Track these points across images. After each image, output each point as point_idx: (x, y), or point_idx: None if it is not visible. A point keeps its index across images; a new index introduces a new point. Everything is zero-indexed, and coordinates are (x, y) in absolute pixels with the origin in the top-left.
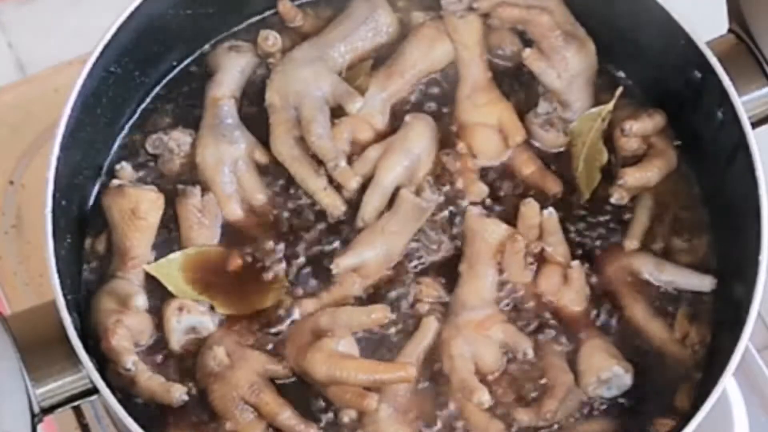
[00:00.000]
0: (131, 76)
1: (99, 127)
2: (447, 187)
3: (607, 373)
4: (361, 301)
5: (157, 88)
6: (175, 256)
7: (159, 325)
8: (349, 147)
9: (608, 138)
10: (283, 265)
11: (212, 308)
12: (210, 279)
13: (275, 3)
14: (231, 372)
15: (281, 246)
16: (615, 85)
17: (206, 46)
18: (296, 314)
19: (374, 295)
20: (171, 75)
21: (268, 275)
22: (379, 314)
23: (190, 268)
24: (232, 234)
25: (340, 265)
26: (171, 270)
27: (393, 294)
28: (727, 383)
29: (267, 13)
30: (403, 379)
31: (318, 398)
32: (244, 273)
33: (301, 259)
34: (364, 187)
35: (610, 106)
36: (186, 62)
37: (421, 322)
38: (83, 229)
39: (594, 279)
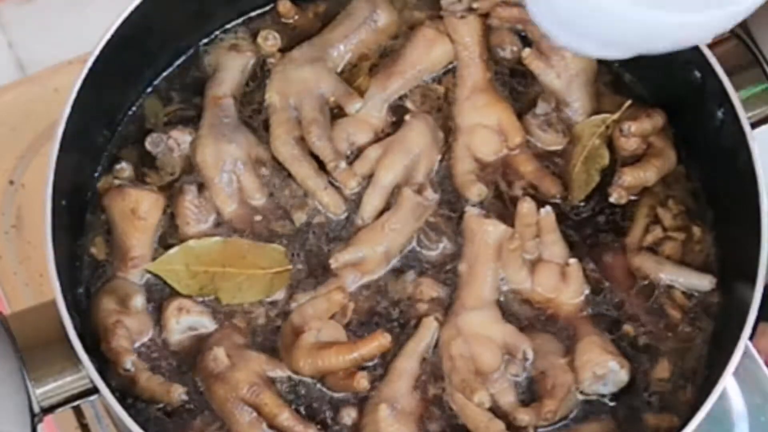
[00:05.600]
0: (131, 75)
1: (99, 127)
2: (447, 187)
3: (603, 368)
4: (362, 301)
5: (157, 88)
6: (176, 250)
7: (159, 325)
8: (349, 147)
9: (607, 138)
10: (286, 261)
11: (218, 300)
12: (213, 270)
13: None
14: (231, 373)
15: (281, 244)
16: (616, 85)
17: (206, 46)
18: (291, 307)
19: (374, 295)
20: (171, 74)
21: (271, 269)
22: (337, 296)
23: (192, 260)
24: (231, 232)
25: (338, 259)
26: (173, 265)
27: (393, 293)
28: (727, 383)
29: (267, 8)
30: (382, 347)
31: (318, 398)
32: (246, 264)
33: (301, 258)
34: (364, 187)
35: (616, 116)
36: (186, 62)
37: (421, 322)
38: (83, 229)
39: (593, 277)
